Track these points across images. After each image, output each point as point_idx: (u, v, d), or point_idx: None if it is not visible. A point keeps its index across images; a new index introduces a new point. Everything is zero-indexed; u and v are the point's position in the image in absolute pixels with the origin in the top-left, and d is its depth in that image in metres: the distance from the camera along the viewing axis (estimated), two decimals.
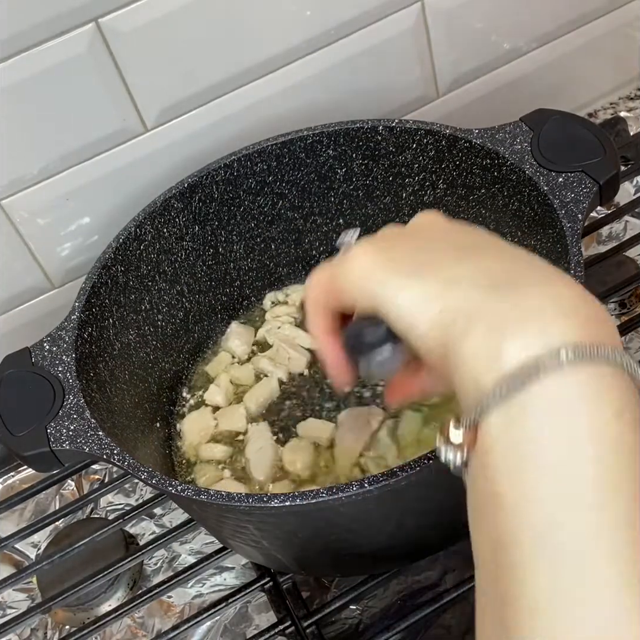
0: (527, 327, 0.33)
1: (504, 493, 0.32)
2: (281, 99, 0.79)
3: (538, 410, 0.32)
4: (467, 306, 0.35)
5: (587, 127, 0.66)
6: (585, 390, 0.32)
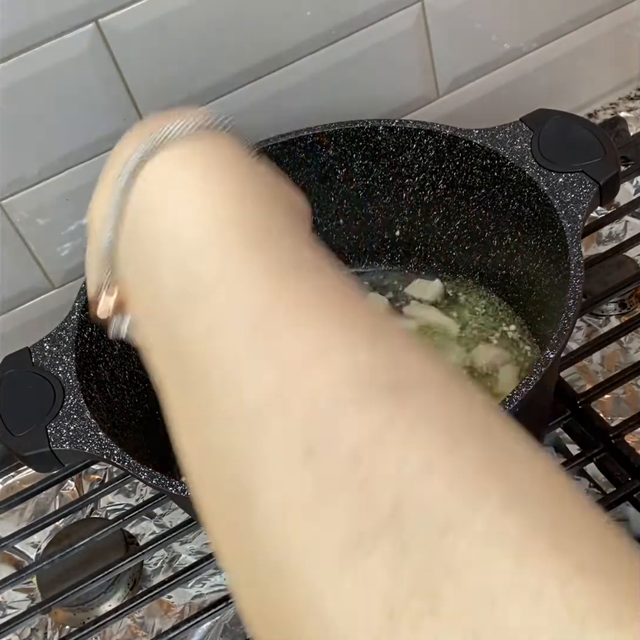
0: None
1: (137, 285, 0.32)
2: (281, 99, 0.79)
3: (144, 189, 0.32)
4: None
5: (587, 127, 0.66)
6: (192, 171, 0.32)
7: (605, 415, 0.71)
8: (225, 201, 0.31)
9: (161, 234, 0.31)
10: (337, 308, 0.29)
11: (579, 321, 0.78)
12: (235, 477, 0.26)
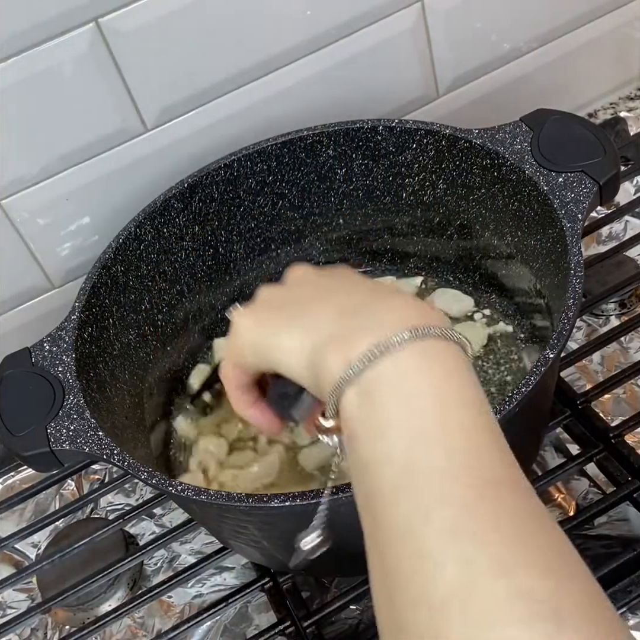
0: (368, 331, 0.40)
1: (365, 460, 0.38)
2: (281, 99, 0.79)
3: (382, 383, 0.39)
4: (326, 337, 0.42)
5: (587, 127, 0.66)
6: (417, 363, 0.39)
7: (605, 415, 0.71)
8: (458, 411, 0.38)
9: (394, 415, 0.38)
10: (527, 532, 0.34)
11: (579, 321, 0.78)
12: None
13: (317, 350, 0.42)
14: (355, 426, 0.39)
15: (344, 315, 0.43)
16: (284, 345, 0.44)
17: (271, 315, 0.47)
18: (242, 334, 0.47)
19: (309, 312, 0.45)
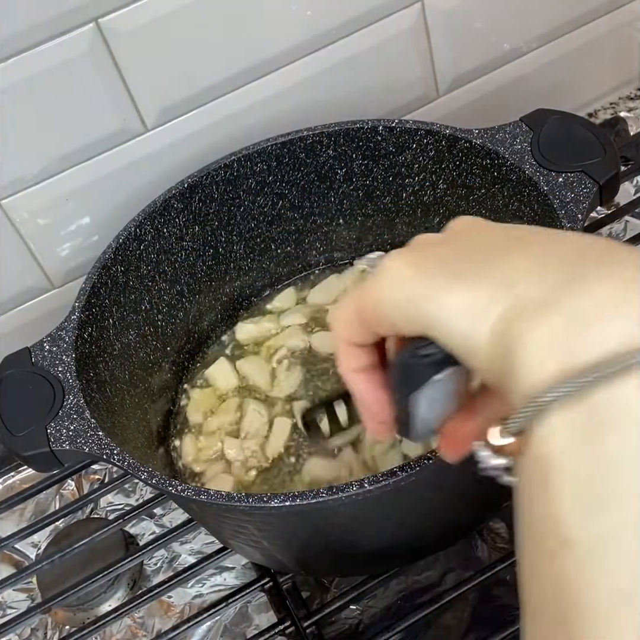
0: (607, 318, 0.27)
1: (574, 539, 0.25)
2: (281, 99, 0.79)
3: (623, 421, 0.25)
4: (531, 303, 0.29)
5: (587, 127, 0.66)
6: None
7: None
8: None
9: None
10: None
11: None
12: None
13: (516, 319, 0.29)
14: (559, 472, 0.26)
15: (553, 274, 0.29)
16: (454, 304, 0.31)
17: (438, 263, 0.33)
18: (390, 281, 0.34)
19: (494, 264, 0.31)
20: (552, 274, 0.29)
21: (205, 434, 0.73)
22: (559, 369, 0.26)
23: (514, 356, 0.28)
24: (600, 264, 0.29)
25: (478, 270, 0.32)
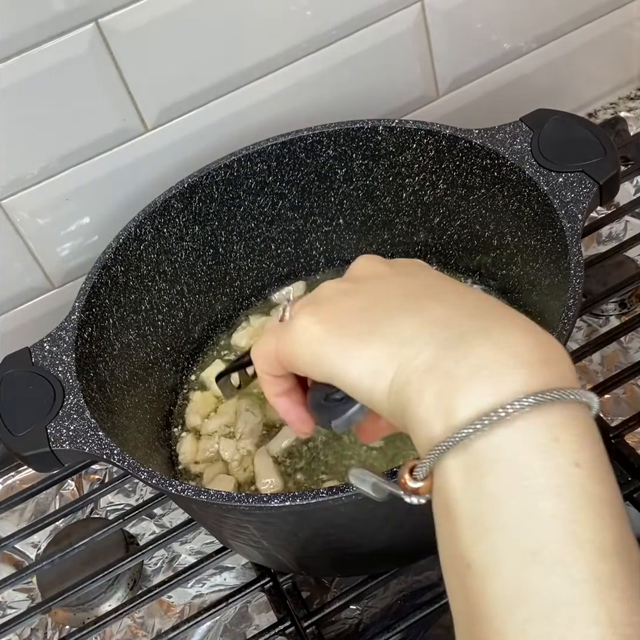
0: (477, 381, 0.33)
1: (470, 561, 0.32)
2: (281, 99, 0.79)
3: (493, 463, 0.32)
4: (417, 367, 0.34)
5: (587, 127, 0.66)
6: (539, 441, 0.32)
7: (605, 415, 0.71)
8: (591, 521, 0.31)
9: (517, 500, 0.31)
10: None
11: (579, 321, 0.78)
12: None
13: (406, 383, 0.35)
14: (455, 506, 0.32)
15: (439, 334, 0.35)
16: (356, 368, 0.37)
17: (340, 322, 0.38)
18: (298, 341, 0.39)
19: (391, 323, 0.36)
20: (435, 336, 0.35)
21: (203, 435, 0.73)
22: (443, 427, 0.33)
23: (409, 416, 0.35)
24: (480, 327, 0.35)
25: (375, 330, 0.37)
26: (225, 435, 0.72)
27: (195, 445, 0.73)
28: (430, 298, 0.38)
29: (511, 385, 0.32)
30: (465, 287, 0.40)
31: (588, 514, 0.31)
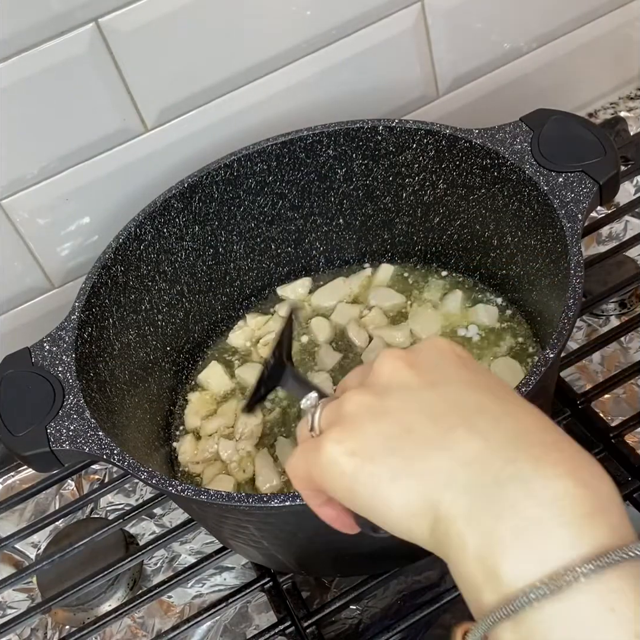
0: (520, 545, 0.31)
1: None
2: (281, 99, 0.79)
3: (552, 633, 0.30)
4: (455, 515, 0.33)
5: (587, 127, 0.66)
6: (594, 614, 0.30)
7: (605, 415, 0.71)
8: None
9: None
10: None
11: (579, 321, 0.78)
12: None
13: (446, 533, 0.33)
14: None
15: (474, 480, 0.33)
16: (391, 508, 0.35)
17: (371, 453, 0.36)
18: (334, 475, 0.37)
19: (422, 459, 0.35)
20: (470, 482, 0.33)
21: (203, 436, 0.73)
22: (492, 595, 0.31)
23: (452, 568, 0.33)
24: (516, 472, 0.32)
25: (406, 468, 0.35)
26: (225, 435, 0.72)
27: (195, 445, 0.73)
28: (461, 425, 0.35)
29: (560, 549, 0.31)
30: (497, 397, 0.37)
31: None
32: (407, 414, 0.37)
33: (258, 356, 0.78)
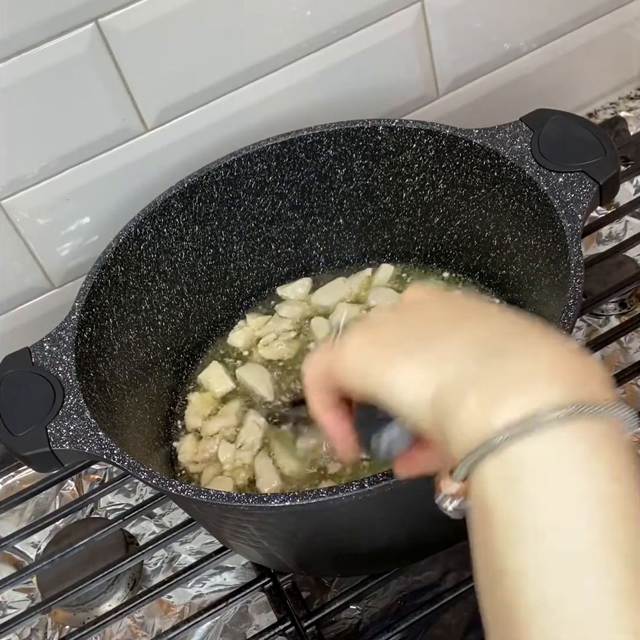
0: (518, 391, 0.34)
1: (505, 561, 0.33)
2: (281, 99, 0.79)
3: (532, 470, 0.33)
4: (460, 379, 0.36)
5: (587, 127, 0.66)
6: (578, 451, 0.33)
7: None
8: (626, 526, 0.32)
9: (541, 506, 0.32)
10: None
11: (579, 321, 0.78)
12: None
13: (449, 394, 0.36)
14: (491, 511, 0.33)
15: (479, 353, 0.37)
16: (401, 379, 0.39)
17: (388, 341, 0.41)
18: (350, 356, 0.42)
19: (435, 342, 0.39)
20: (475, 354, 0.37)
21: (204, 436, 0.73)
22: (480, 435, 0.34)
23: (448, 425, 0.36)
24: (516, 344, 0.37)
25: (419, 348, 0.39)
26: (227, 437, 0.72)
27: (196, 445, 0.73)
28: (468, 320, 0.40)
29: (550, 396, 0.34)
30: (499, 310, 0.42)
31: (625, 528, 0.31)
32: (425, 315, 0.42)
33: (259, 357, 0.78)
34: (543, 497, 0.32)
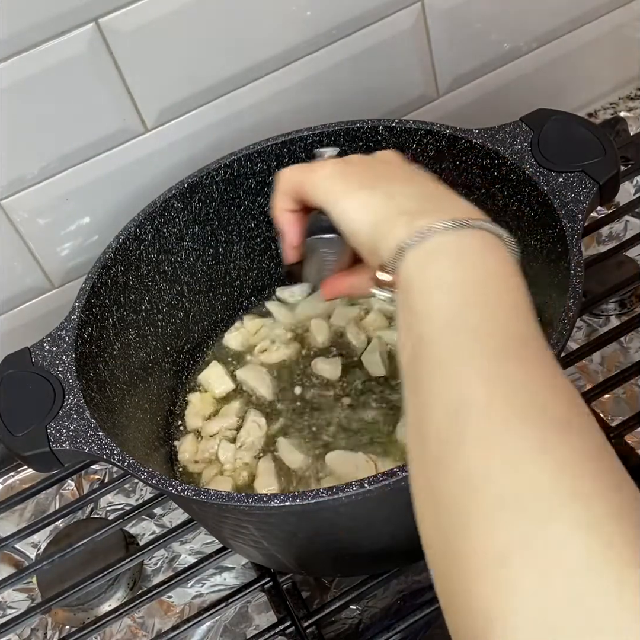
0: (439, 212, 0.45)
1: (418, 308, 0.42)
2: (281, 99, 0.79)
3: (440, 252, 0.44)
4: (398, 212, 0.47)
5: (587, 127, 0.66)
6: (474, 242, 0.45)
7: (605, 415, 0.71)
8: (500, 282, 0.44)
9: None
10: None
11: (579, 321, 0.78)
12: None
13: (387, 220, 0.47)
14: (412, 282, 0.43)
15: (418, 200, 0.48)
16: (354, 204, 0.49)
17: (355, 177, 0.51)
18: (322, 177, 0.52)
19: (389, 187, 0.49)
20: (416, 200, 0.48)
21: (204, 436, 0.73)
22: (406, 236, 0.45)
23: (387, 233, 0.47)
24: (445, 198, 0.50)
25: (375, 187, 0.50)
26: (227, 437, 0.72)
27: (196, 445, 0.73)
28: (420, 183, 0.51)
29: (452, 216, 0.45)
30: (442, 186, 0.52)
31: (497, 279, 0.43)
32: (390, 168, 0.53)
33: (258, 362, 0.77)
34: (445, 267, 0.43)
